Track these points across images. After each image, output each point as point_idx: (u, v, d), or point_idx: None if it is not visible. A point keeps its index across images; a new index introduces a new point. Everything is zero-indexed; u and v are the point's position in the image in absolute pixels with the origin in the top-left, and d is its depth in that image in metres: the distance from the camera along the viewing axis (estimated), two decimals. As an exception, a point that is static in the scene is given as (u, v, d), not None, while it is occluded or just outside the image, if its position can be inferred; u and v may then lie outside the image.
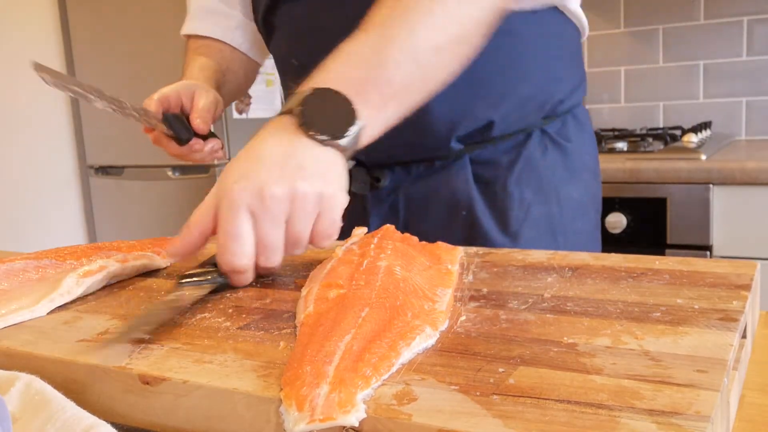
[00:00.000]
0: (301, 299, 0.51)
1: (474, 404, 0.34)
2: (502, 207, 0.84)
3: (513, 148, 0.85)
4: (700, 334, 0.42)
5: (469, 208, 0.84)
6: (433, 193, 0.85)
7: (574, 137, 0.88)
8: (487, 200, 0.84)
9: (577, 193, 0.88)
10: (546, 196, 0.85)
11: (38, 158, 2.69)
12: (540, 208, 0.84)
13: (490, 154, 0.84)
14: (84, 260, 0.64)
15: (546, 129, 0.86)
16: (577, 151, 0.88)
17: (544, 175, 0.85)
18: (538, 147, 0.85)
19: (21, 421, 0.38)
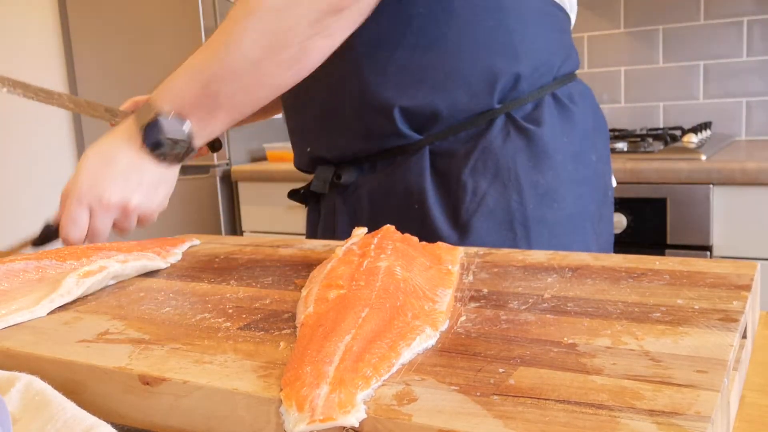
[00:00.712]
0: (301, 300, 0.51)
1: (474, 405, 0.34)
2: (454, 198, 0.82)
3: (474, 137, 0.82)
4: (700, 334, 0.42)
5: (421, 201, 0.83)
6: (390, 188, 0.86)
7: (548, 119, 0.83)
8: (440, 192, 0.83)
9: (545, 178, 0.83)
10: (503, 184, 0.82)
11: (38, 158, 2.69)
12: (496, 197, 0.81)
13: (449, 144, 0.83)
14: (84, 261, 0.64)
15: (513, 114, 0.83)
16: (550, 133, 0.83)
17: (503, 162, 0.82)
18: (499, 134, 0.82)
19: (21, 421, 0.38)
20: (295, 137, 0.96)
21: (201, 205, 2.48)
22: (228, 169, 2.44)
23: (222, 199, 2.44)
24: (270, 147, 2.46)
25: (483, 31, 0.80)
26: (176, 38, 2.44)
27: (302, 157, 0.95)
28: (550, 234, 0.82)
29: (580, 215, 0.86)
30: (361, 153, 0.87)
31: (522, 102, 0.83)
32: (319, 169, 0.91)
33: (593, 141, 0.90)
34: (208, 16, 2.40)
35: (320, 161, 0.92)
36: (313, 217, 1.00)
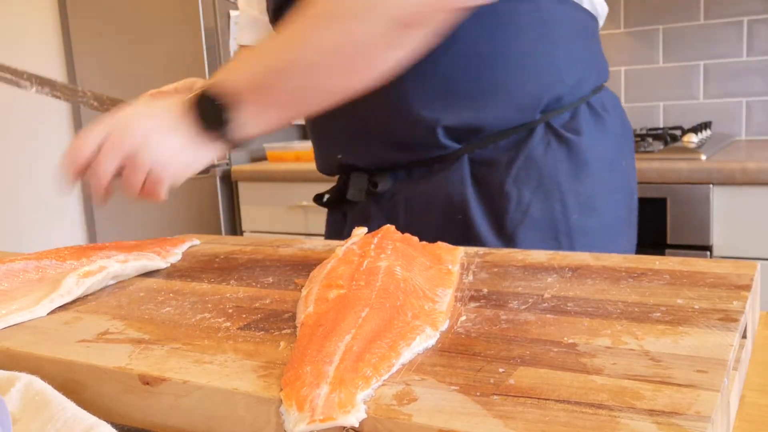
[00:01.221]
0: (301, 299, 0.51)
1: (474, 404, 0.34)
2: (499, 209, 0.81)
3: (514, 145, 0.82)
4: (700, 334, 0.42)
5: (464, 211, 0.82)
6: (429, 197, 0.84)
7: (586, 128, 0.84)
8: (483, 202, 0.82)
9: (585, 187, 0.83)
10: (546, 195, 0.82)
11: (38, 158, 2.69)
12: (540, 207, 0.81)
13: (490, 153, 0.82)
14: (84, 261, 0.64)
15: (551, 122, 0.83)
16: (589, 143, 0.84)
17: (546, 172, 0.82)
18: (540, 143, 0.82)
19: (21, 421, 0.38)
20: (323, 142, 0.94)
21: (201, 205, 2.48)
22: (228, 169, 2.44)
23: (222, 199, 2.44)
24: (270, 147, 2.46)
25: (527, 44, 0.79)
26: (176, 38, 2.45)
27: (329, 162, 0.94)
28: (591, 243, 0.83)
29: (616, 222, 0.88)
30: (397, 162, 0.85)
31: (560, 111, 0.83)
32: (353, 177, 0.90)
33: (622, 147, 0.91)
34: (208, 16, 2.40)
35: (351, 168, 0.90)
36: (336, 221, 0.98)
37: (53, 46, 2.72)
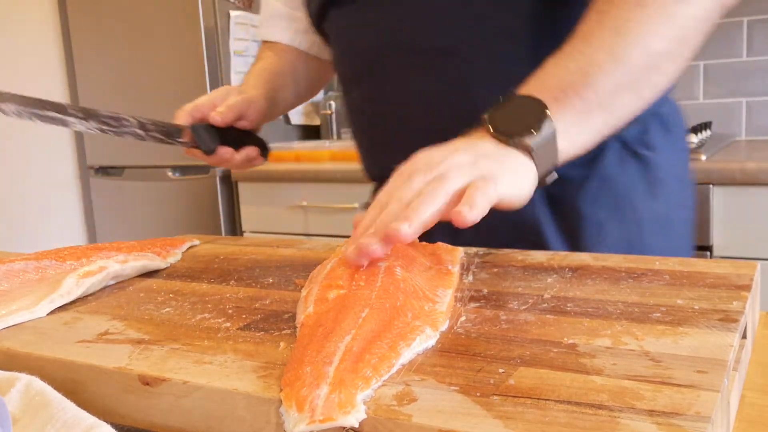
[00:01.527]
0: (301, 300, 0.51)
1: (474, 405, 0.34)
2: (574, 229, 0.76)
3: (586, 162, 0.76)
4: (700, 334, 0.42)
5: (537, 232, 0.77)
6: (499, 214, 0.75)
7: (658, 143, 0.79)
8: (557, 222, 0.77)
9: (661, 207, 0.79)
10: (623, 215, 0.77)
11: (38, 159, 2.69)
12: (616, 229, 0.77)
13: (562, 169, 0.75)
14: (84, 261, 0.64)
15: (624, 137, 0.77)
16: (662, 159, 0.79)
17: (622, 191, 0.77)
18: (614, 160, 0.77)
19: (21, 421, 0.38)
20: (376, 148, 0.88)
21: (201, 205, 2.48)
22: (228, 169, 2.44)
23: (222, 199, 2.44)
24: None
25: None
26: (176, 38, 2.45)
27: (382, 170, 0.84)
28: None
29: (687, 239, 0.84)
30: None
31: (632, 125, 0.77)
32: None
33: (687, 159, 0.86)
34: (208, 16, 2.40)
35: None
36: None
37: (53, 46, 2.72)
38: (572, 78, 0.60)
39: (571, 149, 0.60)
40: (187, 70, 2.43)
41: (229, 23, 2.46)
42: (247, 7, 2.53)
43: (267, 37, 1.03)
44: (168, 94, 2.49)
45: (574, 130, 0.60)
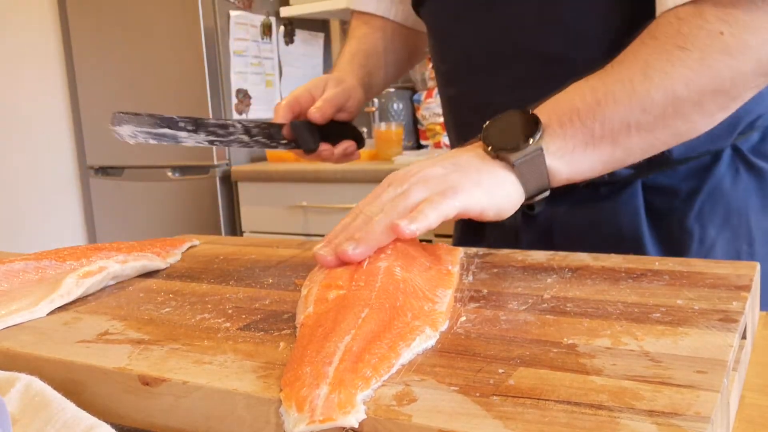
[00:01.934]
0: (301, 300, 0.51)
1: (474, 405, 0.34)
2: (677, 245, 0.71)
3: (696, 173, 0.71)
4: (700, 335, 0.42)
5: (636, 246, 0.72)
6: (593, 224, 0.74)
7: None
8: (660, 237, 0.72)
9: None
10: (734, 232, 0.72)
11: (38, 159, 2.69)
12: (726, 247, 0.72)
13: (667, 179, 0.71)
14: (84, 261, 0.64)
15: (739, 146, 0.72)
16: None
17: (734, 206, 0.71)
18: (727, 172, 0.71)
19: (21, 422, 0.38)
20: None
21: (201, 205, 2.48)
22: (228, 169, 2.44)
23: (222, 199, 2.44)
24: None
25: None
26: (176, 38, 2.45)
27: None
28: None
29: None
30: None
31: (750, 133, 0.73)
32: None
33: None
34: (208, 16, 2.40)
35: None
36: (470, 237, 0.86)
37: (53, 46, 2.72)
38: (583, 106, 0.59)
39: (566, 173, 0.60)
40: (187, 70, 2.43)
41: (229, 23, 2.46)
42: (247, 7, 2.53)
43: (360, 6, 0.97)
44: (168, 94, 2.49)
45: (574, 157, 0.60)
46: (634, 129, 0.60)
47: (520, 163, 0.58)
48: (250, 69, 2.54)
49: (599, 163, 0.61)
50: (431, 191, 0.55)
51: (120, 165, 2.68)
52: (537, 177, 0.59)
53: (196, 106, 2.44)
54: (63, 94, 2.76)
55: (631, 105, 0.59)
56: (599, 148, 0.60)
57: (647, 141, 0.61)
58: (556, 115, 0.60)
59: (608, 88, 0.59)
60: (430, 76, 2.62)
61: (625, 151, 0.61)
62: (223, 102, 2.47)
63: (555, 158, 0.59)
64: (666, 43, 0.59)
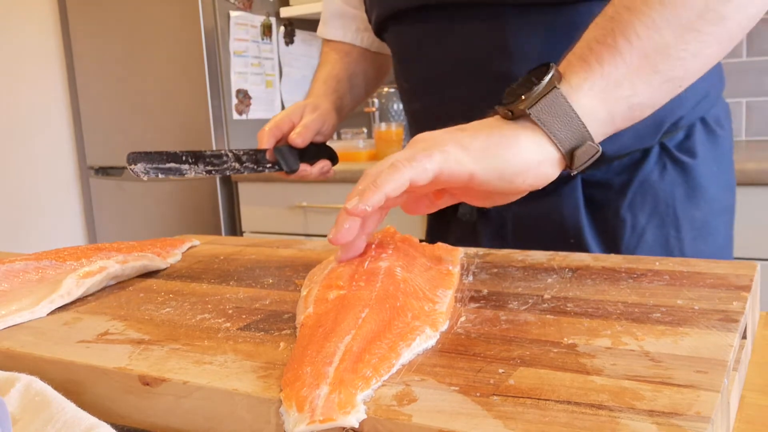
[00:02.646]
0: (301, 300, 0.51)
1: (474, 405, 0.34)
2: (613, 233, 0.78)
3: (628, 167, 0.78)
4: (700, 335, 0.42)
5: (577, 235, 0.78)
6: (540, 218, 0.80)
7: (700, 149, 0.79)
8: (597, 226, 0.79)
9: (701, 212, 0.79)
10: (662, 220, 0.78)
11: (38, 159, 2.69)
12: (655, 233, 0.78)
13: (603, 174, 0.78)
14: (84, 261, 0.64)
15: (666, 143, 0.78)
16: (704, 165, 0.79)
17: (662, 197, 0.78)
18: (655, 167, 0.78)
19: (21, 422, 0.38)
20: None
21: (201, 206, 2.48)
22: (228, 170, 2.43)
23: (222, 200, 2.44)
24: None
25: None
26: (176, 38, 2.45)
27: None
28: None
29: (726, 243, 0.84)
30: None
31: (676, 132, 0.79)
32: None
33: (732, 163, 0.86)
34: (208, 17, 2.40)
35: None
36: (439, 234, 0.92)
37: (53, 46, 2.72)
38: (599, 31, 0.54)
39: (604, 110, 0.53)
40: (187, 70, 2.43)
41: (229, 23, 2.46)
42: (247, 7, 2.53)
43: (329, 35, 1.04)
44: (168, 94, 2.49)
45: (612, 91, 0.53)
46: (669, 49, 0.53)
47: (535, 108, 0.51)
48: (250, 69, 2.54)
49: (647, 86, 0.54)
50: (410, 154, 0.50)
51: (120, 165, 2.68)
52: (565, 122, 0.52)
53: (196, 106, 2.44)
54: (63, 94, 2.76)
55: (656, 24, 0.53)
56: (640, 69, 0.53)
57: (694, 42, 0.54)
58: (574, 54, 0.54)
59: (624, 19, 0.54)
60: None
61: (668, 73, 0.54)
62: (223, 102, 2.47)
63: (582, 92, 0.52)
64: None
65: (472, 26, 0.77)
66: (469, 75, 0.78)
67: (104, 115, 2.69)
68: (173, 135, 2.53)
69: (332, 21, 1.04)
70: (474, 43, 0.77)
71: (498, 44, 0.75)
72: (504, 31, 0.75)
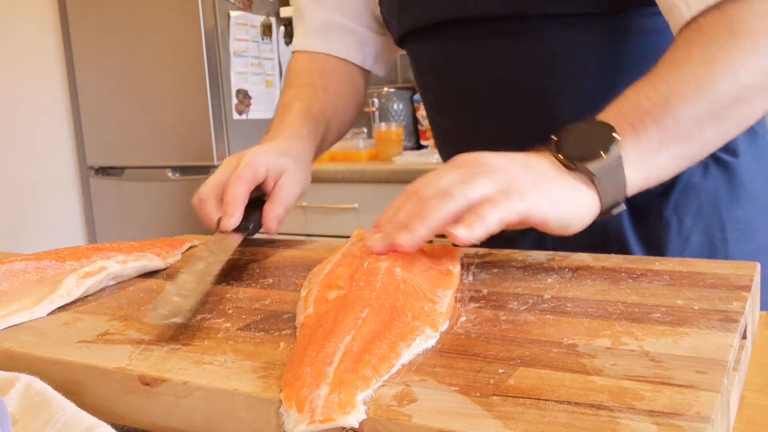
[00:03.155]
0: (301, 300, 0.51)
1: (474, 405, 0.34)
2: (658, 238, 0.76)
3: None
4: (700, 335, 0.42)
5: (620, 242, 0.76)
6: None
7: (742, 148, 0.77)
8: (640, 231, 0.77)
9: (743, 211, 0.78)
10: (707, 222, 0.76)
11: (38, 159, 2.69)
12: (700, 236, 0.76)
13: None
14: (84, 261, 0.64)
15: None
16: (746, 165, 0.78)
17: (705, 198, 0.76)
18: (698, 167, 0.76)
19: (21, 422, 0.38)
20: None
21: (201, 206, 2.47)
22: (228, 170, 2.43)
23: (222, 200, 2.43)
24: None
25: None
26: (176, 38, 2.45)
27: None
28: None
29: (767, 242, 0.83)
30: None
31: None
32: None
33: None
34: (208, 17, 2.40)
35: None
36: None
37: (53, 46, 2.72)
38: (652, 106, 0.58)
39: (641, 180, 0.58)
40: (187, 70, 2.43)
41: (229, 23, 2.46)
42: (247, 7, 2.53)
43: (305, 47, 0.92)
44: (168, 94, 2.49)
45: (649, 161, 0.58)
46: (706, 122, 0.58)
47: (602, 174, 0.55)
48: (250, 69, 2.54)
49: (672, 163, 0.60)
50: (495, 188, 0.52)
51: (120, 165, 2.68)
52: (615, 188, 0.57)
53: (196, 106, 2.44)
54: (63, 94, 2.76)
55: (698, 99, 0.58)
56: (673, 147, 0.59)
57: (717, 133, 0.60)
58: (626, 119, 0.58)
59: (672, 86, 0.58)
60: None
61: (697, 147, 0.60)
62: (223, 102, 2.47)
63: (631, 165, 0.57)
64: (714, 36, 0.59)
65: (508, 41, 0.75)
66: (504, 90, 0.76)
67: (104, 115, 2.69)
68: (173, 135, 2.53)
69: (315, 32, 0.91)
70: (510, 57, 0.75)
71: (536, 59, 0.74)
72: (543, 45, 0.73)
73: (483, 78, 0.78)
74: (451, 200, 0.51)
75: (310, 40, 0.91)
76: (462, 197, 0.51)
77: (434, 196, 0.53)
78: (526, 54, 0.74)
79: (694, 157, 0.61)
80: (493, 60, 0.76)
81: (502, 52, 0.75)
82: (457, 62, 0.80)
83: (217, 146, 2.44)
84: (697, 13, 0.61)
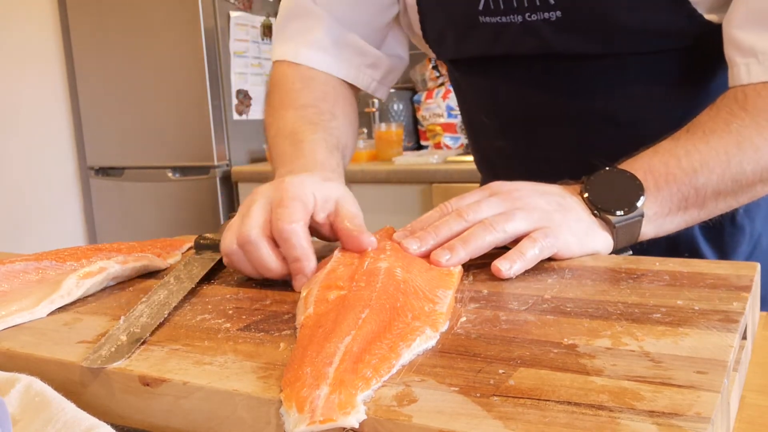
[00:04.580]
0: (301, 300, 0.51)
1: (474, 405, 0.34)
2: (729, 242, 0.78)
3: None
4: (700, 335, 0.42)
5: (691, 248, 0.77)
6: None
7: None
8: (711, 236, 0.78)
9: None
10: None
11: (38, 159, 2.69)
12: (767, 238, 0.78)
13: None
14: (84, 262, 0.64)
15: None
16: None
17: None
18: None
19: (21, 422, 0.38)
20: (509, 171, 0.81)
21: (201, 206, 2.48)
22: (228, 170, 2.44)
23: (222, 200, 2.44)
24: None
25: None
26: (176, 38, 2.45)
27: None
28: None
29: None
30: None
31: None
32: None
33: None
34: (208, 17, 2.40)
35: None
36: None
37: (53, 46, 2.72)
38: (680, 172, 0.62)
39: (652, 234, 0.63)
40: (187, 71, 2.43)
41: (229, 24, 2.46)
42: (247, 7, 2.53)
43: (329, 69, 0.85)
44: (168, 94, 2.49)
45: (664, 220, 0.62)
46: (722, 196, 0.63)
47: (621, 226, 0.61)
48: (251, 70, 2.54)
49: (683, 224, 0.64)
50: (533, 225, 0.58)
51: (120, 165, 2.68)
52: (629, 238, 0.62)
53: (196, 107, 2.44)
54: (63, 94, 2.76)
55: (723, 176, 0.62)
56: (688, 213, 0.63)
57: (730, 205, 0.65)
58: (653, 177, 0.62)
59: (703, 157, 0.62)
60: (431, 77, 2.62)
61: (708, 213, 0.65)
62: (223, 102, 2.47)
63: (648, 222, 0.62)
64: (757, 116, 0.63)
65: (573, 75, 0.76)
66: (565, 119, 0.78)
67: (104, 115, 2.69)
68: (173, 135, 2.53)
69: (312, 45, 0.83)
70: (576, 87, 0.77)
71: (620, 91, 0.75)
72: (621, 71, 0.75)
73: (552, 105, 0.79)
74: (493, 232, 0.57)
75: (319, 56, 0.84)
76: (503, 231, 0.57)
77: (477, 223, 0.58)
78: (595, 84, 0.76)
79: (701, 220, 0.65)
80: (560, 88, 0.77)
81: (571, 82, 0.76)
82: (526, 89, 0.80)
83: (217, 147, 2.44)
84: (756, 82, 0.64)
